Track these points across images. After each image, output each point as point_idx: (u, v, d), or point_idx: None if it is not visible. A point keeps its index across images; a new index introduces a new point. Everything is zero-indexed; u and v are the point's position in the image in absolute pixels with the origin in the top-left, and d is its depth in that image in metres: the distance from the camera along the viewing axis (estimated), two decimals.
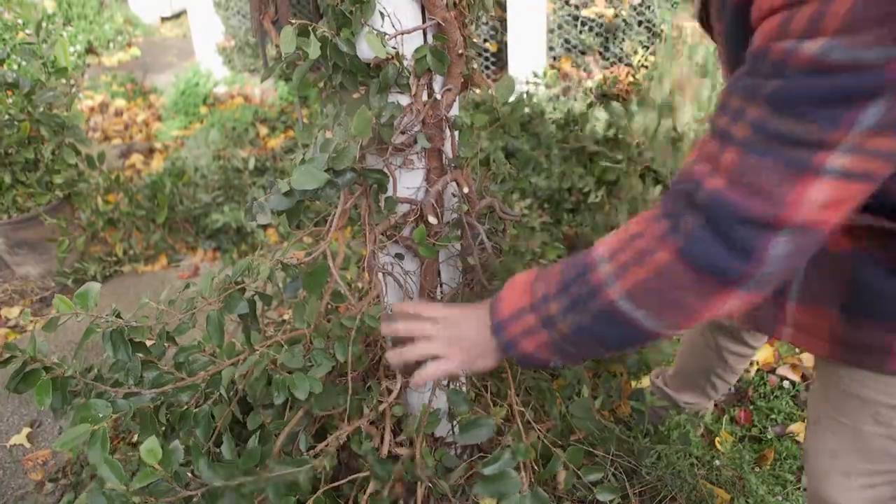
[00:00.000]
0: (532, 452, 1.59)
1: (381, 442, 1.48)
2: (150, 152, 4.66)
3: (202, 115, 4.96)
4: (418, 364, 1.08)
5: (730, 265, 0.78)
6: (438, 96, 1.22)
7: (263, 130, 4.58)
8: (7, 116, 3.00)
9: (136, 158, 4.51)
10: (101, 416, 1.16)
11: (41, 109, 3.05)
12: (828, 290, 1.07)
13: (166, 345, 1.48)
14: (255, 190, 3.51)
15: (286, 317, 2.31)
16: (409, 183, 1.29)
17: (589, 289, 0.89)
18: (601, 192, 3.23)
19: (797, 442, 2.08)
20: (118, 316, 1.39)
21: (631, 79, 4.08)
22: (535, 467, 1.53)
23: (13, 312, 3.28)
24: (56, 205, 3.32)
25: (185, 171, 3.84)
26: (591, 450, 1.77)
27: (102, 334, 1.34)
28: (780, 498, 1.84)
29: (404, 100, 1.21)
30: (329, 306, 1.45)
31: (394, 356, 1.12)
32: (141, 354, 1.41)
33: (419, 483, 1.47)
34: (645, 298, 0.85)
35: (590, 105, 3.46)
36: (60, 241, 3.30)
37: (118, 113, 5.26)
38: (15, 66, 3.53)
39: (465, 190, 1.25)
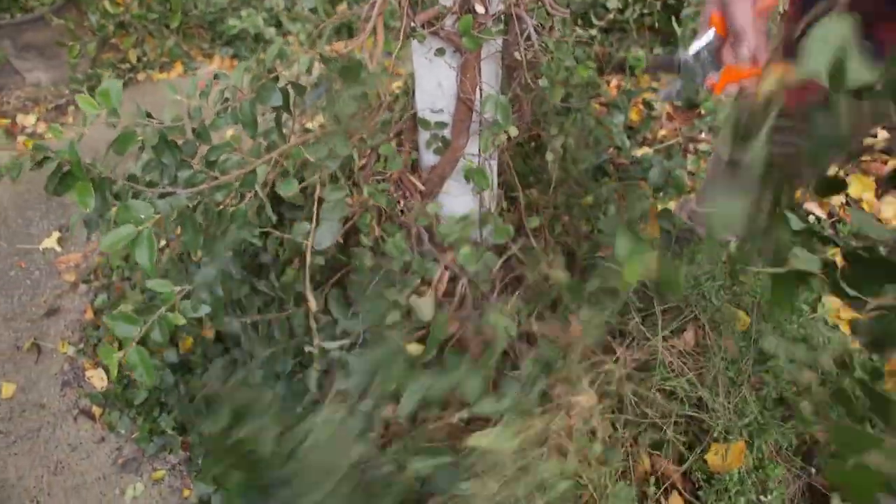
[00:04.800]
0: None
1: (419, 243, 1.48)
2: None
3: None
4: None
5: None
6: None
7: None
8: None
9: None
10: (143, 216, 1.14)
11: None
12: None
13: (199, 143, 1.44)
14: None
15: (309, 125, 2.25)
16: None
17: None
18: (637, 7, 3.04)
19: None
20: (150, 115, 1.34)
21: None
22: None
23: (29, 120, 3.23)
24: (62, 5, 3.16)
25: None
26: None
27: (145, 140, 1.30)
28: (795, 325, 1.87)
29: None
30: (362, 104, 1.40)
31: None
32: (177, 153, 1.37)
33: (458, 281, 1.49)
34: None
35: None
36: (71, 46, 3.18)
37: None
38: None
39: None
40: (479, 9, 1.18)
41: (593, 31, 3.01)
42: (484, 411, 1.30)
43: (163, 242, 2.36)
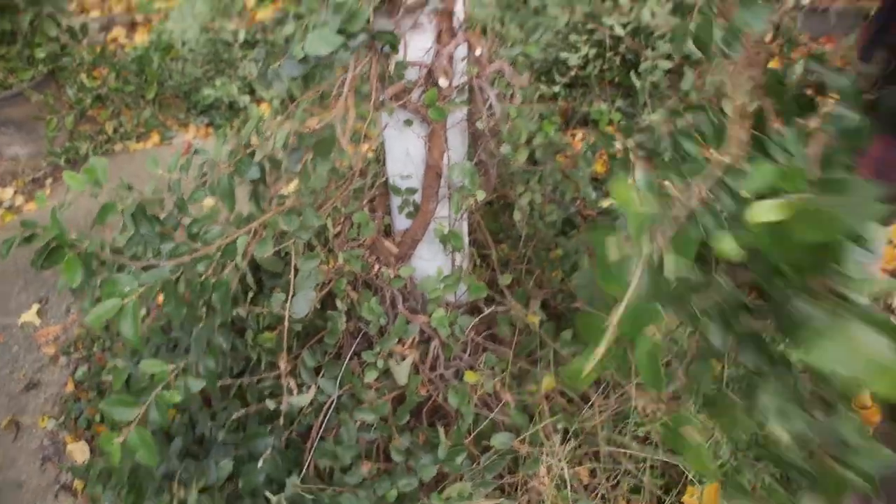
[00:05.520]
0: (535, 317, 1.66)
1: (393, 306, 1.53)
2: (132, 25, 4.49)
3: None
4: None
5: None
6: None
7: (251, 1, 4.40)
8: None
9: (118, 32, 4.34)
10: (127, 289, 1.18)
11: None
12: None
13: (179, 216, 1.49)
14: (247, 64, 3.41)
15: (285, 191, 2.31)
16: (419, 45, 1.26)
17: None
18: (598, 64, 3.17)
19: None
20: (130, 188, 1.40)
21: None
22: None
23: (6, 193, 3.26)
24: (40, 81, 3.22)
25: (172, 45, 3.71)
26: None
27: (124, 211, 1.35)
28: None
29: None
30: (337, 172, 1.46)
31: None
32: (157, 227, 1.42)
33: (431, 342, 1.54)
34: None
35: None
36: (49, 119, 3.24)
37: None
38: None
39: (478, 52, 1.23)
40: (443, 82, 1.26)
41: (556, 88, 3.13)
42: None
43: (144, 311, 2.39)
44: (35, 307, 2.58)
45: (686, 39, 1.05)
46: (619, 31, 3.03)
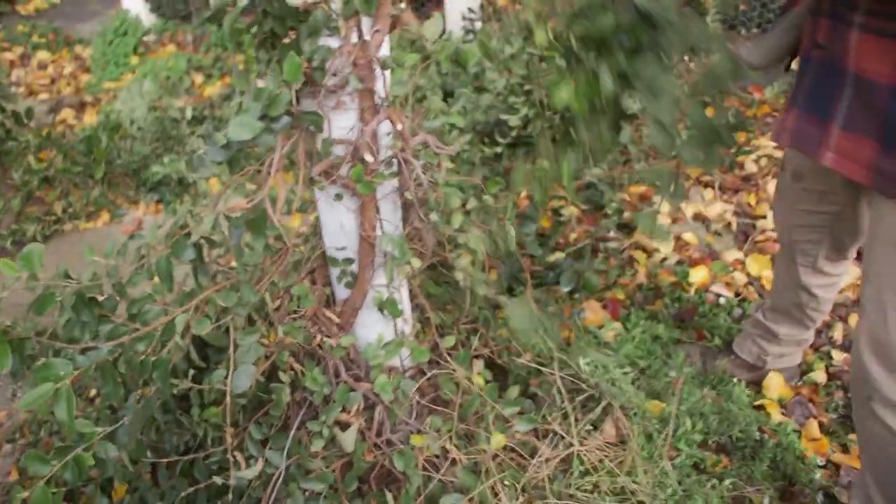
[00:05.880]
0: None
1: (337, 375, 1.56)
2: (81, 106, 4.53)
3: (133, 66, 4.82)
4: None
5: None
6: (367, 37, 1.25)
7: (199, 79, 4.49)
8: None
9: (68, 113, 4.38)
10: (62, 373, 1.20)
11: None
12: (868, 120, 1.25)
13: (118, 298, 1.51)
14: (195, 140, 3.47)
15: (234, 264, 2.34)
16: (343, 124, 1.32)
17: None
18: (539, 123, 3.29)
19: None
20: (68, 276, 1.42)
21: None
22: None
23: None
24: None
25: (121, 124, 3.76)
26: (539, 368, 1.88)
27: (63, 301, 1.37)
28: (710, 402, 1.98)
29: (334, 42, 1.24)
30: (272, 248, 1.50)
31: None
32: (96, 310, 1.44)
33: (376, 409, 1.56)
34: None
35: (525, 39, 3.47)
36: None
37: (42, 66, 5.06)
38: None
39: (399, 127, 1.30)
40: (369, 158, 1.32)
41: (499, 150, 3.22)
42: None
43: (94, 392, 2.37)
44: None
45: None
46: None
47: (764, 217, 2.91)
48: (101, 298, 1.47)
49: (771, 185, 3.07)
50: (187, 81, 4.38)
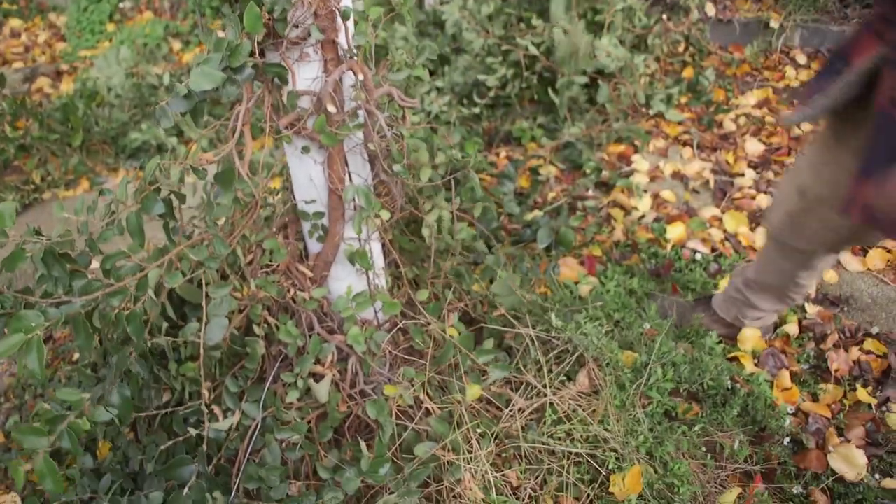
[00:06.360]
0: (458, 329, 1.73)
1: (311, 328, 1.58)
2: (57, 75, 4.48)
3: (110, 33, 4.76)
4: None
5: None
6: None
7: (177, 45, 4.44)
8: None
9: (44, 82, 4.33)
10: (33, 325, 1.21)
11: None
12: None
13: (91, 254, 1.52)
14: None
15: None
16: (307, 75, 1.33)
17: None
18: (516, 83, 3.29)
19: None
20: (38, 233, 1.43)
21: None
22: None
23: None
24: None
25: (98, 92, 3.73)
26: (513, 321, 1.91)
27: (33, 256, 1.38)
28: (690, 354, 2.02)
29: None
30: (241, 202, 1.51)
31: None
32: (68, 265, 1.45)
33: (349, 360, 1.59)
34: None
35: None
36: None
37: (15, 34, 5.00)
38: None
39: (361, 77, 1.31)
40: (332, 109, 1.33)
41: (477, 110, 3.23)
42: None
43: (77, 355, 2.39)
44: None
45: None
46: (534, 50, 3.16)
47: (742, 175, 2.93)
48: (74, 255, 1.49)
49: (749, 144, 3.09)
50: (165, 48, 4.34)
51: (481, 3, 3.23)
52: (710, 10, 3.86)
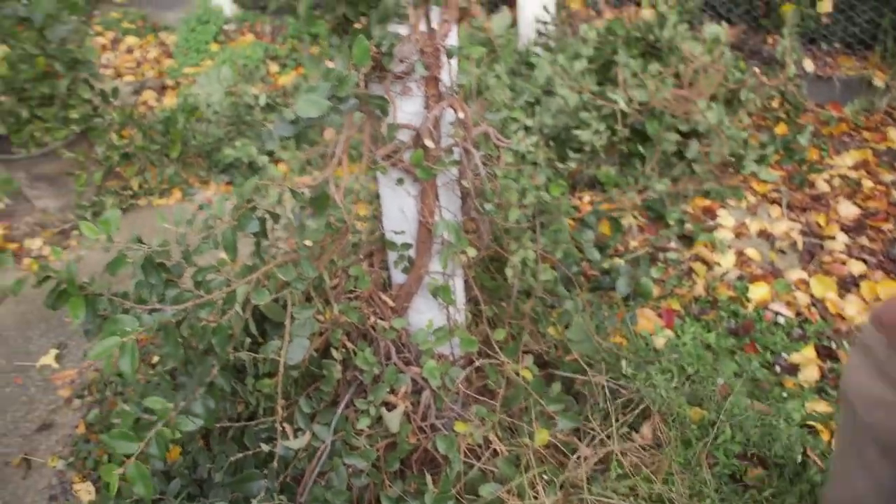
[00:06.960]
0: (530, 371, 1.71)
1: (388, 357, 1.59)
2: (162, 89, 4.71)
3: (213, 53, 4.99)
4: None
5: None
6: (436, 26, 1.28)
7: (274, 67, 4.62)
8: (21, 51, 3.06)
9: (149, 95, 4.57)
10: (128, 329, 1.27)
11: (54, 45, 3.11)
12: None
13: (185, 265, 1.59)
14: (267, 126, 3.57)
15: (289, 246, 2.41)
16: (408, 109, 1.36)
17: None
18: (605, 134, 3.26)
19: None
20: (140, 241, 1.50)
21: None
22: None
23: (35, 244, 3.41)
24: (73, 140, 3.40)
25: (198, 107, 3.90)
26: (586, 368, 1.88)
27: (134, 262, 1.45)
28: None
29: (403, 30, 1.28)
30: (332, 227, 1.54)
31: None
32: (164, 274, 1.52)
33: (423, 393, 1.59)
34: None
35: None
36: (78, 175, 3.41)
37: (129, 50, 5.29)
38: (25, 1, 3.56)
39: (461, 115, 1.32)
40: (430, 144, 1.35)
41: (573, 164, 3.20)
42: None
43: (157, 358, 2.47)
44: (53, 351, 2.68)
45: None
46: (624, 107, 3.13)
47: (833, 238, 2.82)
48: (169, 264, 1.55)
49: (843, 206, 2.98)
50: (263, 70, 4.52)
51: (573, 59, 3.23)
52: (809, 66, 3.76)
